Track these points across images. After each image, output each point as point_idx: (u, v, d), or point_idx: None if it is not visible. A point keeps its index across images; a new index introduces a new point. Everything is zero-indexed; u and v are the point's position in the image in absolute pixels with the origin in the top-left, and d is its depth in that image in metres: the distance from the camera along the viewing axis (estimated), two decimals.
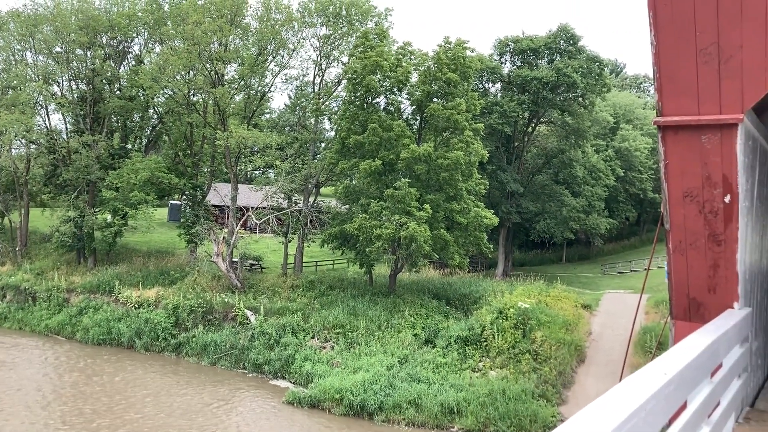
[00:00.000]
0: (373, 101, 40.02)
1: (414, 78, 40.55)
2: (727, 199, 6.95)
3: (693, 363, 4.42)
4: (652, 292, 40.19)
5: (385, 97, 40.50)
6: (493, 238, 51.52)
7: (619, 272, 59.59)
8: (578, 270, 61.24)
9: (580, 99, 53.96)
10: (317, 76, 45.42)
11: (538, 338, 30.80)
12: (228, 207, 44.46)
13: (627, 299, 40.76)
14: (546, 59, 54.77)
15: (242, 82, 45.52)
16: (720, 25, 6.33)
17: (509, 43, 54.77)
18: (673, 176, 7.14)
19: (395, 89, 40.04)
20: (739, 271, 7.20)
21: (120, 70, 48.76)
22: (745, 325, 7.53)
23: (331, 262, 49.86)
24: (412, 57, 40.83)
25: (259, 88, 46.60)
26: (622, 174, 64.97)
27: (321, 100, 44.26)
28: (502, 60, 56.06)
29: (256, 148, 47.53)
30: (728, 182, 6.91)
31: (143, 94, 46.92)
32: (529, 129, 57.24)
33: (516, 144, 56.78)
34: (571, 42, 53.67)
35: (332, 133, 46.33)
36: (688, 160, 6.99)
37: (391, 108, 40.58)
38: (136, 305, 38.96)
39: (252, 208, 43.14)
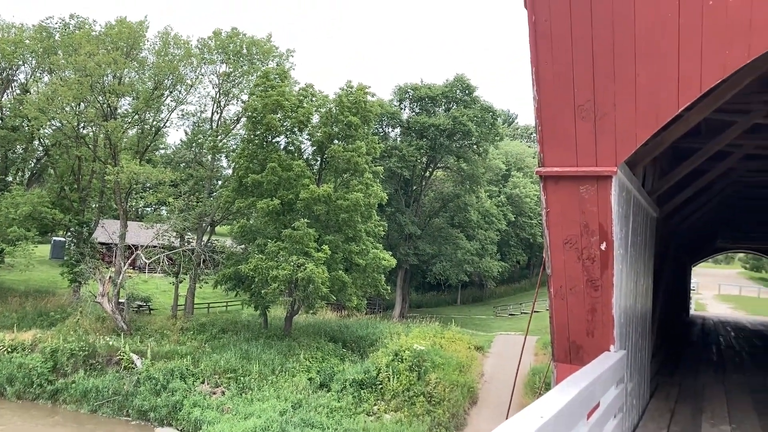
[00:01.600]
0: (273, 140, 39.81)
1: (315, 119, 40.79)
2: (603, 246, 7.33)
3: (569, 405, 4.56)
4: (540, 333, 41.62)
5: (286, 136, 40.41)
6: (391, 280, 51.98)
7: (510, 314, 61.42)
8: (472, 312, 62.65)
9: (474, 146, 56.09)
10: (215, 113, 44.75)
11: (432, 380, 31.04)
12: (116, 245, 42.42)
13: (518, 341, 42.01)
14: (443, 107, 56.69)
15: (136, 116, 44.08)
16: (596, 84, 6.77)
17: (408, 90, 56.35)
18: (553, 224, 7.47)
19: (296, 129, 40.07)
20: (614, 315, 7.56)
21: (2, 99, 46.02)
22: (621, 367, 7.90)
23: (225, 304, 48.45)
24: (314, 98, 41.12)
25: (154, 122, 45.28)
26: (513, 219, 67.67)
27: (219, 137, 43.54)
28: (402, 106, 57.53)
29: (148, 185, 45.89)
30: (604, 230, 7.29)
31: (28, 125, 44.40)
32: (427, 173, 58.70)
33: (414, 187, 58.00)
34: (467, 92, 55.90)
35: (230, 171, 45.55)
36: (567, 208, 7.34)
37: (292, 148, 40.50)
38: (9, 349, 36.06)
39: (142, 246, 41.38)
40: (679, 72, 6.46)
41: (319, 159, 41.57)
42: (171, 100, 44.46)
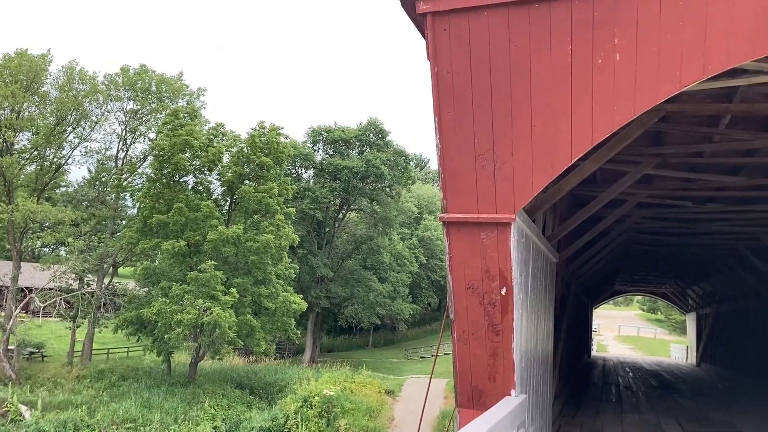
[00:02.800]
0: (181, 180, 38.84)
1: (226, 159, 40.18)
2: (504, 291, 7.47)
3: None
4: (450, 376, 41.92)
5: (194, 176, 39.53)
6: (302, 324, 51.22)
7: (421, 357, 61.62)
8: (384, 355, 62.44)
9: (387, 189, 56.75)
10: (121, 151, 43.33)
11: (342, 426, 30.51)
12: (7, 287, 39.79)
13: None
14: (357, 150, 57.23)
15: (35, 152, 42.01)
16: (495, 134, 6.99)
17: (322, 132, 56.63)
18: (456, 269, 7.57)
19: (205, 169, 39.29)
20: (515, 360, 7.68)
21: None
22: (522, 411, 8.01)
23: (126, 349, 46.17)
24: (225, 138, 40.58)
25: (55, 159, 43.28)
26: (425, 261, 68.50)
27: (124, 175, 42.09)
28: (316, 148, 57.67)
29: (47, 224, 43.56)
30: (504, 276, 7.45)
31: None
32: (340, 215, 58.76)
33: (327, 229, 57.85)
34: (380, 136, 56.74)
35: (134, 211, 43.95)
36: (469, 254, 7.46)
37: (200, 188, 39.62)
38: None
39: (36, 289, 39.00)
40: (572, 124, 6.77)
41: (228, 199, 40.84)
42: (74, 137, 42.73)
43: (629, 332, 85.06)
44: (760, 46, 6.15)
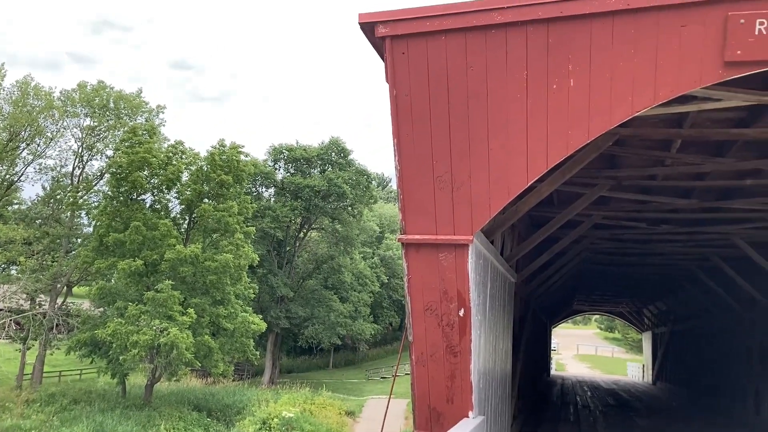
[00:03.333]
0: (139, 198, 38.16)
1: (186, 177, 39.65)
2: (462, 312, 7.50)
3: None
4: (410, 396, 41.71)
5: (152, 194, 38.89)
6: (261, 344, 50.56)
7: (382, 377, 61.30)
8: (344, 375, 61.94)
9: (349, 208, 56.68)
10: (77, 168, 42.39)
11: None
12: None
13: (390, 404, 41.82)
14: (318, 169, 57.10)
15: None
16: (452, 156, 7.05)
17: (283, 150, 56.37)
18: (414, 290, 7.58)
19: (164, 187, 38.69)
20: (473, 381, 7.69)
21: None
22: None
23: (79, 371, 44.83)
24: (184, 156, 40.07)
25: (7, 176, 42.13)
26: (387, 281, 68.44)
27: (79, 193, 41.17)
28: (277, 166, 57.36)
29: None
30: (462, 297, 7.48)
31: None
32: (301, 234, 58.39)
33: (288, 248, 57.39)
34: (342, 155, 56.74)
35: (90, 229, 42.95)
36: (427, 276, 7.48)
37: (158, 206, 38.96)
38: None
39: None
40: (528, 147, 6.87)
41: (187, 218, 40.23)
42: (28, 153, 41.69)
43: (587, 351, 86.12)
44: (707, 74, 6.36)
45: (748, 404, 21.16)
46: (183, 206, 39.77)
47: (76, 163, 42.32)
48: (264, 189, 57.28)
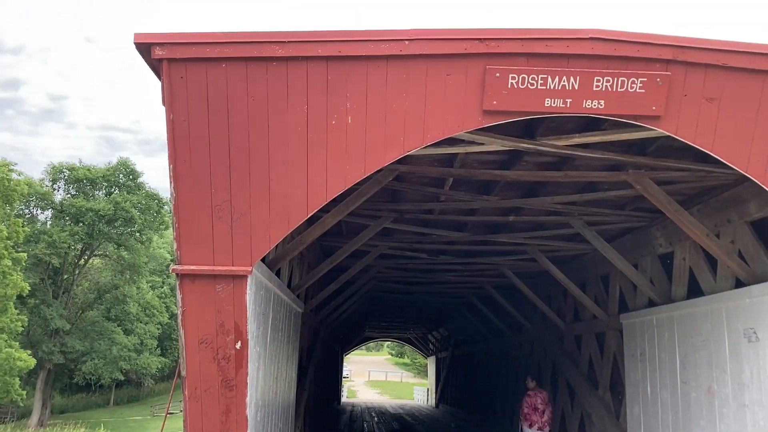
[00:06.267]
0: None
1: None
2: (239, 345, 7.34)
3: None
4: None
5: None
6: (30, 382, 45.54)
7: (170, 413, 58.03)
8: (127, 413, 57.77)
9: (137, 234, 53.54)
10: None
11: None
12: None
13: None
14: (104, 191, 53.37)
15: None
16: (232, 185, 6.94)
17: (64, 170, 51.95)
18: (189, 323, 7.28)
19: None
20: (249, 415, 7.54)
21: None
22: None
23: None
24: None
25: None
26: (177, 311, 65.39)
27: None
28: (56, 187, 52.64)
29: None
30: (239, 329, 7.33)
31: None
32: (82, 261, 53.92)
33: (66, 276, 52.64)
34: (131, 177, 53.64)
35: None
36: (203, 308, 7.24)
37: None
38: None
39: None
40: (308, 179, 6.99)
41: None
42: None
43: (378, 377, 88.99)
44: (469, 120, 6.97)
45: (514, 423, 23.17)
46: None
47: None
48: (40, 211, 52.25)
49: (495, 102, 6.78)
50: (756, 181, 7.27)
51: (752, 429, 9.07)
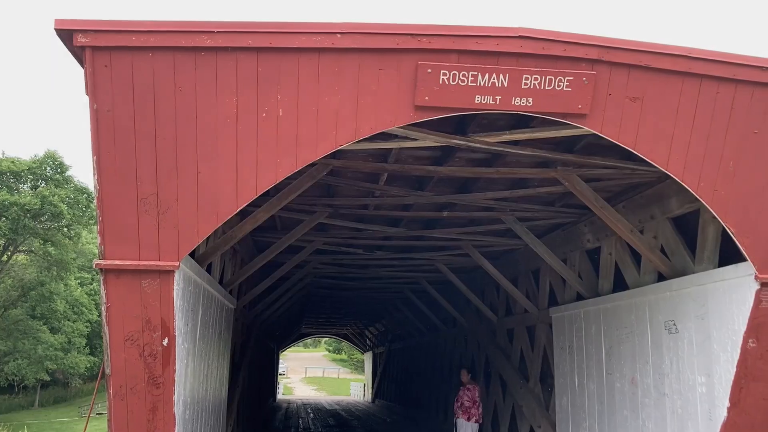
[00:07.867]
0: None
1: None
2: (166, 342, 7.17)
3: None
4: None
5: None
6: None
7: (98, 413, 56.28)
8: (53, 414, 55.70)
9: (65, 229, 51.56)
10: None
11: None
12: None
13: None
14: (30, 184, 51.15)
15: None
16: (159, 178, 6.75)
17: None
18: (114, 320, 7.06)
19: None
20: (176, 413, 7.38)
21: None
22: None
23: None
24: None
25: None
26: None
27: None
28: None
29: None
30: (166, 326, 7.16)
31: None
32: (5, 258, 51.55)
33: None
34: (59, 170, 51.57)
35: None
36: (129, 304, 7.03)
37: None
38: None
39: None
40: (237, 173, 6.87)
41: None
42: None
43: (316, 373, 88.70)
44: (401, 116, 6.99)
45: (449, 416, 23.49)
46: None
47: None
48: None
49: (427, 98, 6.82)
50: (675, 178, 7.56)
51: (671, 417, 9.46)
